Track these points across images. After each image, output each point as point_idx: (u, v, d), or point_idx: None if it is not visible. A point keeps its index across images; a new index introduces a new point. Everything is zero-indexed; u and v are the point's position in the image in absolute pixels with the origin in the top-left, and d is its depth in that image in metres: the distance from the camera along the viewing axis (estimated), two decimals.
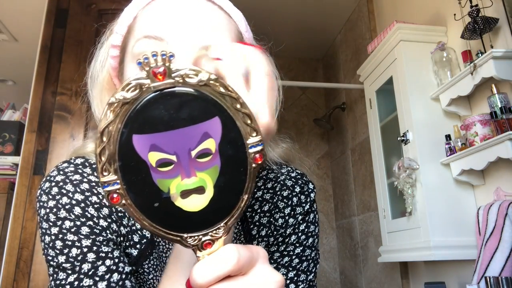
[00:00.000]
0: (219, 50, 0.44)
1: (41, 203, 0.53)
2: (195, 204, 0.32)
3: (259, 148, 0.34)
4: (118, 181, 0.31)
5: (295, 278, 0.62)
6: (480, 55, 1.44)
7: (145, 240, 0.57)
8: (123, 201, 0.31)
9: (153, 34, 0.49)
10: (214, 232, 0.33)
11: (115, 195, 0.31)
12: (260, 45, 0.63)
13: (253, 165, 0.34)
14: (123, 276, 0.51)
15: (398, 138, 1.80)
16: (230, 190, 0.33)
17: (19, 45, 2.96)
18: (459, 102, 1.65)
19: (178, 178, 0.32)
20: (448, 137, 1.65)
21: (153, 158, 0.31)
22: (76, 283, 0.49)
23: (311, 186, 0.68)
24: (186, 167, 0.32)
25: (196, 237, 0.33)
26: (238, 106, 0.33)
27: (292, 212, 0.65)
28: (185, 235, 0.33)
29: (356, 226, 2.78)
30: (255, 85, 0.41)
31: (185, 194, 0.32)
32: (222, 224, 0.34)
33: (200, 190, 0.32)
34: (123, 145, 0.31)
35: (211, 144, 0.32)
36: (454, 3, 1.62)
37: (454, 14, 1.61)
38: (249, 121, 0.33)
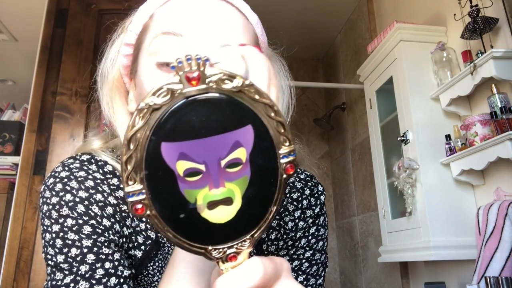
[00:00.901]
0: (218, 54, 0.44)
1: (44, 199, 0.52)
2: (221, 215, 0.31)
3: (291, 158, 0.32)
4: (144, 191, 0.29)
5: (305, 282, 0.61)
6: (480, 55, 1.44)
7: (150, 241, 0.55)
8: (148, 212, 0.30)
9: (171, 30, 0.48)
10: (240, 244, 0.32)
11: (139, 206, 0.29)
12: (272, 49, 0.63)
13: (284, 175, 0.32)
14: (121, 280, 0.49)
15: (398, 138, 1.80)
16: (258, 201, 0.32)
17: (19, 45, 2.96)
18: (459, 102, 1.65)
19: (206, 188, 0.31)
20: (448, 137, 1.65)
21: (181, 167, 0.30)
22: (72, 285, 0.47)
23: (320, 188, 0.67)
24: (215, 177, 0.31)
25: (221, 250, 0.32)
26: (272, 114, 0.31)
27: (302, 215, 0.64)
28: (210, 248, 0.32)
29: (356, 226, 2.78)
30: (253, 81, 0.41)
31: (212, 205, 0.31)
32: (248, 237, 0.32)
33: (227, 201, 0.31)
34: (150, 153, 0.29)
35: (242, 153, 0.31)
36: (454, 3, 1.62)
37: (454, 14, 1.61)
38: (282, 130, 0.32)
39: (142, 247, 0.55)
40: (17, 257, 1.82)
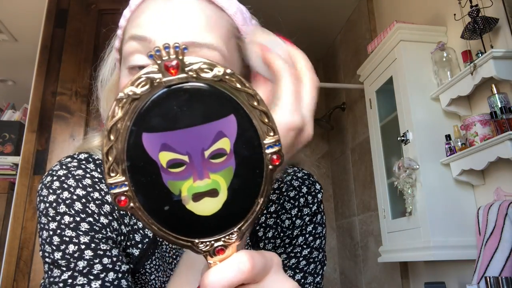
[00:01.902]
0: (269, 43, 0.43)
1: (41, 197, 0.52)
2: (207, 207, 0.30)
3: (276, 148, 0.31)
4: (126, 183, 0.29)
5: (302, 280, 0.60)
6: (480, 55, 1.44)
7: (147, 240, 0.56)
8: (131, 204, 0.29)
9: (137, 34, 0.48)
10: (227, 237, 0.31)
11: (122, 198, 0.29)
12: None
13: (270, 166, 0.31)
14: (119, 275, 0.49)
15: (398, 138, 1.80)
16: (245, 193, 0.31)
17: (19, 45, 2.96)
18: (459, 102, 1.65)
19: (190, 180, 0.30)
20: (448, 137, 1.64)
21: (164, 158, 0.29)
22: (69, 281, 0.47)
23: (318, 186, 0.67)
24: (198, 168, 0.30)
25: (208, 243, 0.31)
26: (255, 103, 0.30)
27: (299, 213, 0.64)
28: (196, 241, 0.31)
29: (356, 226, 2.78)
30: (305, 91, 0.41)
31: (197, 197, 0.30)
32: (235, 229, 0.31)
33: (213, 192, 0.30)
34: (132, 144, 0.29)
35: (225, 143, 0.30)
36: (454, 3, 1.62)
37: (454, 14, 1.61)
38: (266, 120, 0.31)
39: (140, 246, 0.55)
40: (17, 257, 1.82)
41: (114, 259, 0.50)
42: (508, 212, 1.30)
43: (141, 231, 0.56)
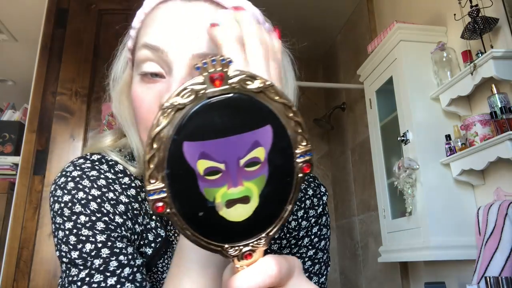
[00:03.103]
0: (216, 17, 0.43)
1: (56, 198, 0.52)
2: (239, 214, 0.32)
3: (307, 157, 0.33)
4: (165, 189, 0.30)
5: None
6: (480, 55, 1.44)
7: (159, 239, 0.56)
8: (168, 210, 0.30)
9: (150, 43, 0.49)
10: (256, 242, 0.33)
11: (160, 204, 0.30)
12: (282, 42, 0.63)
13: (300, 175, 0.33)
14: (134, 269, 0.50)
15: (398, 138, 1.80)
16: (275, 200, 0.33)
17: (19, 45, 2.96)
18: (459, 102, 1.65)
19: (225, 187, 0.31)
20: (448, 137, 1.65)
21: (201, 166, 0.30)
22: (87, 279, 0.48)
23: (323, 189, 0.69)
24: (233, 176, 0.31)
25: (237, 248, 0.32)
26: (291, 114, 0.32)
27: (305, 215, 0.65)
28: (226, 246, 0.32)
29: (356, 226, 2.78)
30: (249, 52, 0.40)
31: (230, 203, 0.31)
32: (263, 235, 0.33)
33: (245, 199, 0.32)
34: (173, 152, 0.29)
35: (260, 153, 0.31)
36: (454, 3, 1.62)
37: (454, 14, 1.61)
38: (299, 130, 0.33)
39: (152, 245, 0.56)
40: (17, 257, 1.82)
41: (130, 256, 0.51)
42: (508, 212, 1.30)
43: (153, 231, 0.57)
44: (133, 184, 0.56)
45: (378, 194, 2.07)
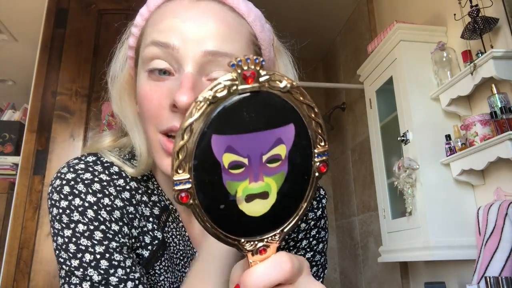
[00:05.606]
0: None
1: (53, 202, 0.52)
2: (257, 208, 0.32)
3: (324, 157, 0.35)
4: (190, 181, 0.31)
5: None
6: (480, 55, 1.44)
7: (156, 241, 0.56)
8: (191, 201, 0.31)
9: (160, 41, 0.49)
10: (271, 238, 0.33)
11: (183, 194, 0.31)
12: (282, 42, 0.63)
13: (316, 174, 0.34)
14: (136, 282, 0.51)
15: (398, 138, 1.80)
16: (292, 197, 0.34)
17: (19, 45, 2.96)
18: (459, 102, 1.65)
19: (246, 181, 0.32)
20: (448, 137, 1.64)
21: (227, 159, 0.31)
22: None
23: (322, 192, 0.68)
24: (255, 171, 0.32)
25: (252, 242, 0.33)
26: (313, 115, 0.33)
27: (304, 217, 0.65)
28: (243, 240, 0.33)
29: (356, 226, 2.78)
30: None
31: (249, 198, 0.32)
32: (278, 231, 0.34)
33: (264, 195, 0.33)
34: (201, 144, 0.30)
35: (282, 150, 0.32)
36: (454, 3, 1.62)
37: (454, 14, 1.61)
38: (319, 130, 0.34)
39: (149, 247, 0.56)
40: (17, 257, 1.82)
41: (128, 270, 0.51)
42: (508, 212, 1.30)
43: (150, 233, 0.56)
44: (127, 187, 0.56)
45: (378, 194, 2.07)
